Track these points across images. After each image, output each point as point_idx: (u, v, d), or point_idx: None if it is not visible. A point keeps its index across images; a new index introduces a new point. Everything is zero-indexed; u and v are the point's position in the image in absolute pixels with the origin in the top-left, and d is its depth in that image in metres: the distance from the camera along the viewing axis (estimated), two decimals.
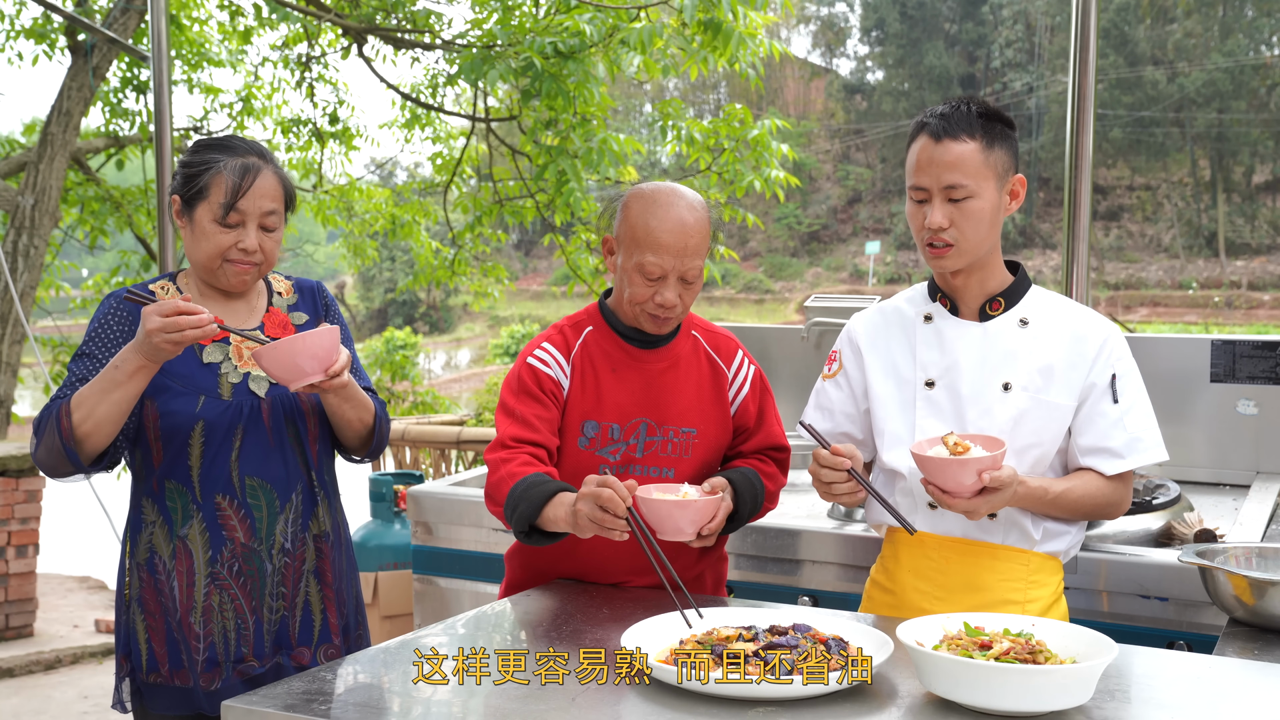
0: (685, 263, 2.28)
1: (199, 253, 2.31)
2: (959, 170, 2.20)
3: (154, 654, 2.32)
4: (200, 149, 2.32)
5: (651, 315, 2.33)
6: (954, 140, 2.20)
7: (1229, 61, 31.17)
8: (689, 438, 2.40)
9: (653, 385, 2.40)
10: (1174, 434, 3.47)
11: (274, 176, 2.32)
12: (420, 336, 21.30)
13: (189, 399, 2.28)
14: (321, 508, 2.41)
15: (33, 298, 7.41)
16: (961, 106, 2.24)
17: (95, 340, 2.30)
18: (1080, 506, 2.26)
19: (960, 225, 2.22)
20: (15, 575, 5.77)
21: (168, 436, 2.29)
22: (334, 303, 2.56)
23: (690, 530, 2.19)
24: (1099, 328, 2.29)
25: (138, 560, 2.33)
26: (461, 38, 7.96)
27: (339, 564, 2.45)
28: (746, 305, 33.98)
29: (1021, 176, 2.29)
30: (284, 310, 2.46)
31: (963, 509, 2.11)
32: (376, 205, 9.70)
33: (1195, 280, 30.99)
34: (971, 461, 2.06)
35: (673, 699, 1.72)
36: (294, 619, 2.37)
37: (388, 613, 4.59)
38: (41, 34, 8.18)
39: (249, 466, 2.31)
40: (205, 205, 2.27)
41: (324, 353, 2.18)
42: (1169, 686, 1.80)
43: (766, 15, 7.12)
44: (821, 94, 40.35)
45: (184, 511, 2.30)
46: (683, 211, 2.29)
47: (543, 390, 2.36)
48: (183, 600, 2.29)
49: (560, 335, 2.43)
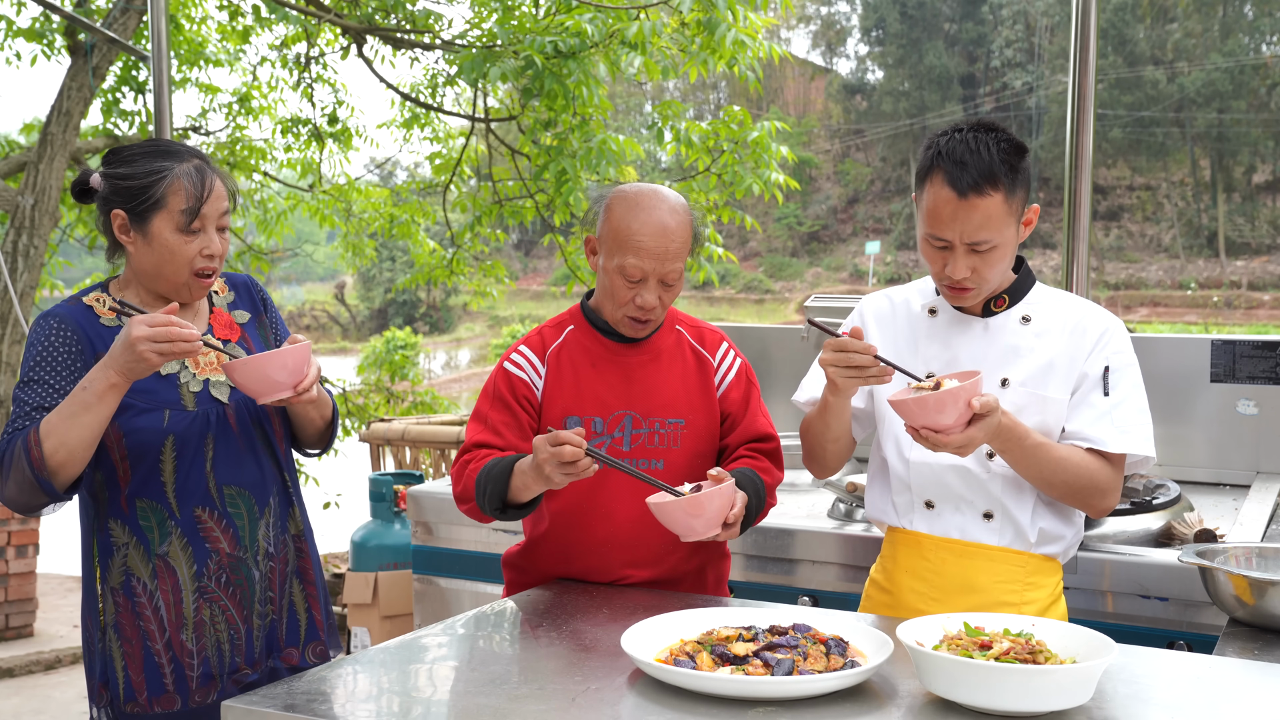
0: (665, 266, 2.30)
1: (166, 270, 2.22)
2: (986, 228, 2.14)
3: (130, 682, 2.22)
4: (137, 158, 2.22)
5: (631, 319, 2.35)
6: (979, 196, 2.12)
7: (1229, 61, 31.18)
8: (677, 428, 2.41)
9: (634, 378, 2.42)
10: (1174, 434, 3.49)
11: (218, 176, 2.27)
12: (420, 336, 21.31)
13: (154, 415, 2.21)
14: (295, 507, 2.40)
15: (32, 298, 7.41)
16: (982, 150, 2.13)
17: (43, 365, 2.18)
18: (1061, 470, 2.18)
19: (982, 271, 2.19)
20: (15, 575, 5.78)
21: (136, 455, 2.20)
22: (269, 297, 2.51)
23: (713, 527, 2.18)
24: (1099, 321, 2.28)
25: (111, 585, 2.23)
26: (461, 38, 7.96)
27: (315, 561, 2.45)
28: (746, 305, 33.98)
29: (1035, 206, 2.24)
30: (225, 309, 2.41)
31: (957, 444, 2.05)
32: (375, 205, 9.70)
33: (1195, 280, 31.00)
34: (956, 391, 2.01)
35: (673, 699, 1.72)
36: (282, 621, 2.36)
37: (388, 613, 4.59)
38: (40, 34, 8.17)
39: (224, 475, 2.26)
40: (164, 215, 2.19)
41: (296, 368, 2.16)
42: (1169, 686, 1.80)
43: (766, 17, 7.12)
44: (821, 94, 40.35)
45: (161, 529, 2.22)
46: (664, 215, 2.30)
47: (514, 396, 2.40)
48: (171, 619, 2.22)
49: (539, 336, 2.48)
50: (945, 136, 2.20)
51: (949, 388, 2.03)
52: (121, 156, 2.25)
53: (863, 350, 2.10)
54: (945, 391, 2.02)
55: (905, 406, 2.06)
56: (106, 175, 2.24)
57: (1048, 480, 2.21)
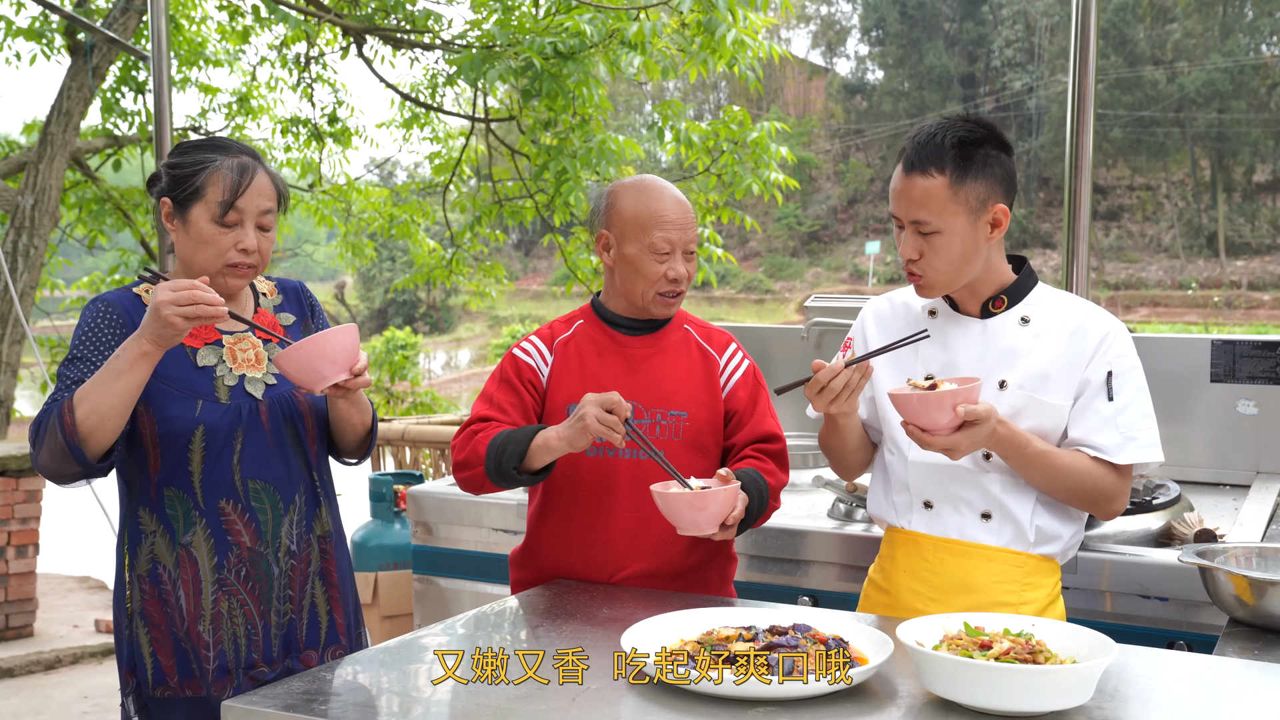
0: (688, 234, 2.45)
1: (198, 257, 2.27)
2: (924, 207, 2.18)
3: (160, 666, 2.27)
4: (190, 150, 2.29)
5: (662, 295, 2.44)
6: (921, 175, 2.17)
7: (1229, 61, 31.18)
8: (679, 420, 2.44)
9: (638, 369, 2.47)
10: (1174, 434, 3.48)
11: (267, 176, 2.31)
12: (420, 336, 21.30)
13: (187, 404, 2.24)
14: (324, 508, 2.41)
15: (33, 298, 7.41)
16: (938, 134, 2.19)
17: (86, 343, 2.24)
18: (1065, 476, 2.20)
19: (929, 258, 2.21)
20: (15, 575, 5.78)
21: (166, 443, 2.24)
22: (317, 303, 2.54)
23: (712, 525, 2.21)
24: (1099, 324, 2.27)
25: (139, 572, 2.28)
26: (461, 38, 7.96)
27: (342, 564, 2.45)
28: (746, 305, 33.99)
29: (1004, 206, 2.22)
30: (270, 311, 2.44)
31: (942, 446, 2.09)
32: (375, 205, 9.70)
33: (1195, 280, 31.00)
34: (946, 395, 2.05)
35: (673, 699, 1.72)
36: (301, 622, 2.36)
37: (388, 613, 4.59)
38: (39, 34, 8.17)
39: (251, 469, 2.29)
40: (202, 205, 2.24)
41: (346, 352, 2.15)
42: (1169, 686, 1.80)
43: (766, 17, 7.12)
44: (821, 94, 40.35)
45: (186, 518, 2.26)
46: (674, 192, 2.48)
47: (520, 379, 2.48)
48: (189, 609, 2.26)
49: (549, 329, 2.56)
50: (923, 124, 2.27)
51: (941, 390, 2.07)
52: (180, 148, 2.32)
53: (832, 373, 2.16)
54: (936, 393, 2.07)
55: (899, 401, 2.12)
56: (164, 165, 2.32)
57: (1051, 487, 2.23)
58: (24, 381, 8.01)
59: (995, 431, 2.12)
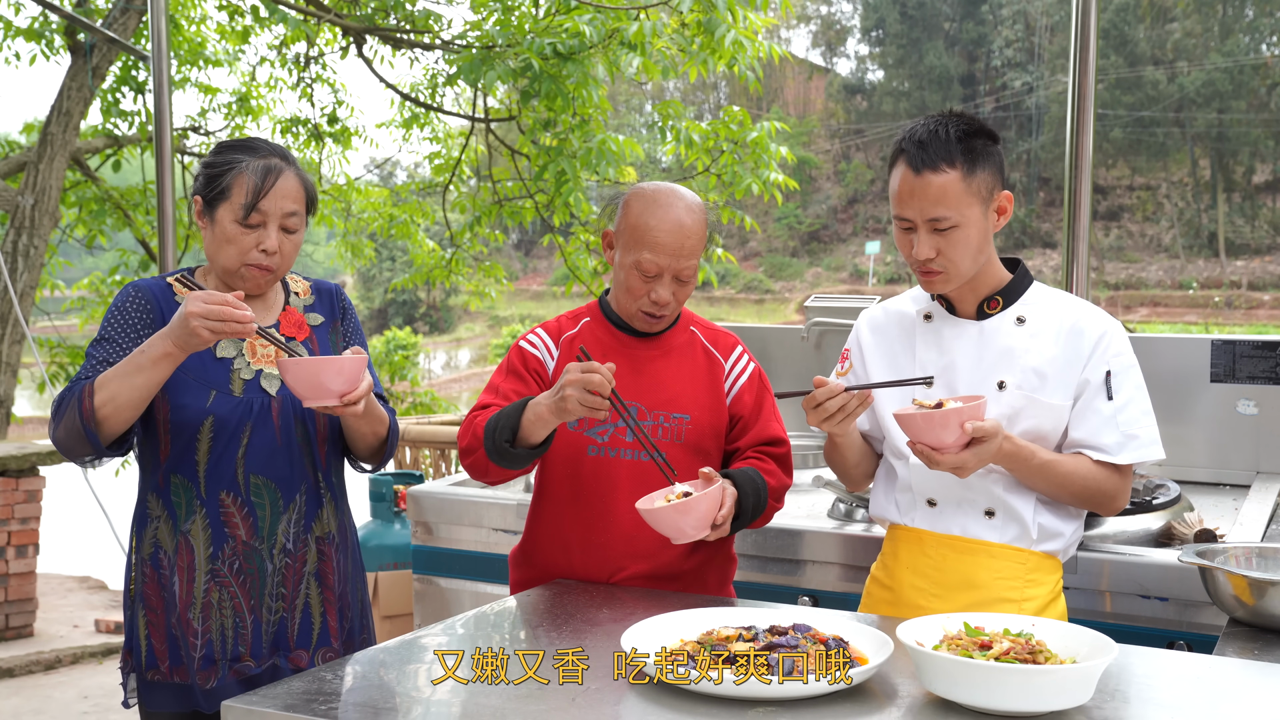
0: (680, 262, 2.37)
1: (221, 256, 2.30)
2: (942, 204, 2.18)
3: (153, 650, 2.32)
4: (223, 150, 2.32)
5: (645, 313, 2.41)
6: (934, 172, 2.17)
7: (1229, 61, 31.19)
8: (682, 423, 2.44)
9: (643, 371, 2.46)
10: (1174, 434, 3.48)
11: (296, 178, 2.32)
12: (420, 337, 21.31)
13: (200, 393, 2.27)
14: (327, 510, 2.40)
15: (32, 298, 7.41)
16: (939, 130, 2.20)
17: (114, 325, 2.29)
18: (1069, 483, 2.22)
19: (948, 253, 2.21)
20: (15, 575, 5.78)
21: (177, 430, 2.28)
22: (351, 306, 2.55)
23: (702, 529, 2.20)
24: (1096, 323, 2.27)
25: (142, 555, 2.33)
26: (460, 38, 7.96)
27: (343, 567, 2.44)
28: (746, 305, 34.00)
29: (1008, 193, 2.26)
30: (300, 310, 2.45)
31: (951, 464, 2.10)
32: (374, 205, 9.70)
33: (1195, 280, 31.02)
34: (951, 413, 2.06)
35: (673, 699, 1.72)
36: (293, 620, 2.36)
37: (388, 613, 4.59)
38: (39, 34, 8.17)
39: (255, 464, 2.31)
40: (227, 205, 2.27)
41: (349, 377, 2.17)
42: (1169, 686, 1.80)
43: (766, 17, 7.12)
44: (821, 94, 40.37)
45: (188, 506, 2.29)
46: (681, 213, 2.37)
47: (526, 369, 2.48)
48: (182, 595, 2.29)
49: (556, 324, 2.55)
50: (911, 124, 2.27)
51: (948, 409, 2.07)
52: (216, 147, 2.35)
53: (830, 393, 2.15)
54: (942, 411, 2.07)
55: (906, 421, 2.12)
56: (201, 163, 2.36)
57: (1056, 493, 2.25)
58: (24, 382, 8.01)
59: (1001, 449, 2.13)
